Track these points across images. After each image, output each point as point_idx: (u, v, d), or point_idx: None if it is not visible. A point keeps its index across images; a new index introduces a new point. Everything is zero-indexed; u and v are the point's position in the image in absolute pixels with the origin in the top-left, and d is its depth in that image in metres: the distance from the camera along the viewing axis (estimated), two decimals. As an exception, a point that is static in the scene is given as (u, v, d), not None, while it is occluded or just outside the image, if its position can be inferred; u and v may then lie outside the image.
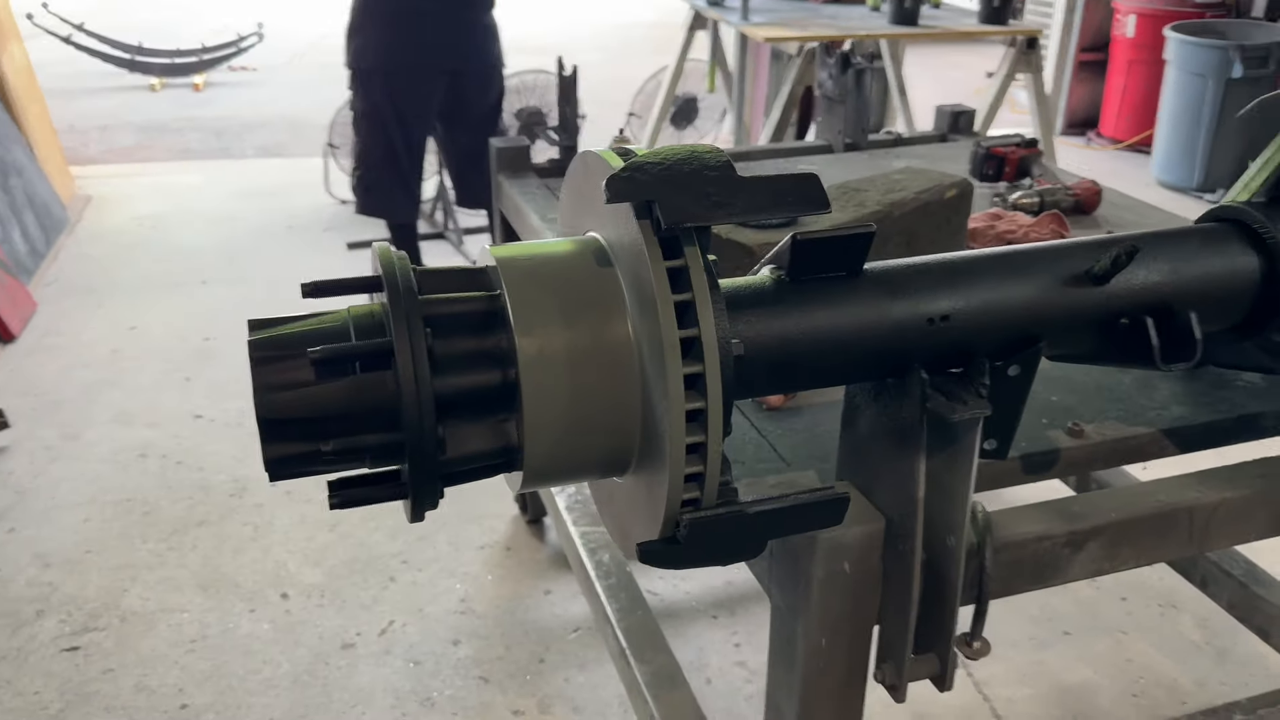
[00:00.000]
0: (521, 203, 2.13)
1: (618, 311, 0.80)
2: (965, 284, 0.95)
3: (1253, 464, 1.22)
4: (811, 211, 0.77)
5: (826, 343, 0.91)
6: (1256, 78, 5.04)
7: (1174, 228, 1.07)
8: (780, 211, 0.77)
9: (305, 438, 0.77)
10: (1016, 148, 2.23)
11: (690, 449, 0.75)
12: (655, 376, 0.76)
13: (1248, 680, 2.21)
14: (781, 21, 4.02)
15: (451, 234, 4.74)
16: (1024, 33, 3.96)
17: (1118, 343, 0.99)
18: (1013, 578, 1.11)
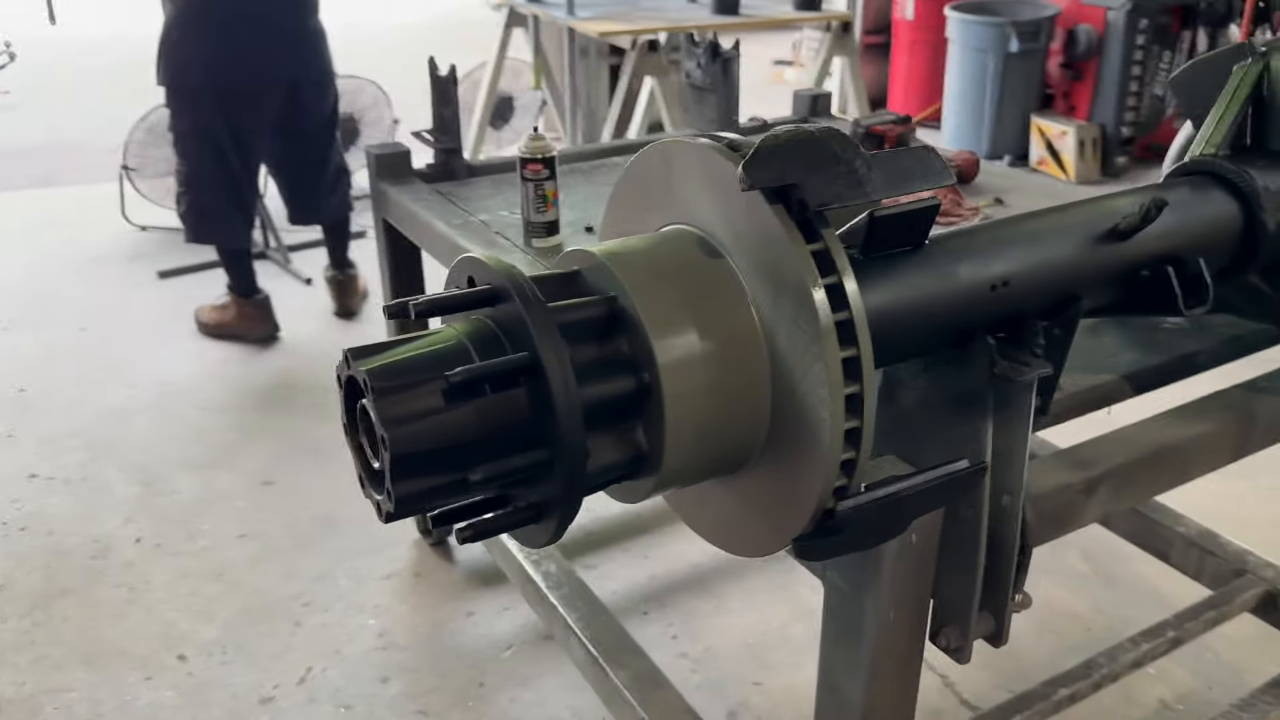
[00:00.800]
0: (417, 209, 2.03)
1: (740, 302, 0.77)
2: (1015, 248, 0.98)
3: (1212, 398, 1.33)
4: (938, 183, 0.77)
5: (909, 316, 0.91)
6: (1031, 50, 5.49)
7: (1165, 181, 1.14)
8: (911, 186, 0.76)
9: (442, 469, 0.70)
10: (893, 125, 2.33)
11: (847, 434, 0.74)
12: (798, 364, 0.74)
13: (1137, 601, 2.41)
14: (608, 15, 4.02)
15: (276, 252, 4.47)
16: (838, 17, 4.15)
17: (1141, 294, 1.05)
18: (1043, 529, 1.15)
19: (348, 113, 4.93)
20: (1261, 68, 1.20)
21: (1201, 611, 1.88)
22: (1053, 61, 5.66)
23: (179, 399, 3.32)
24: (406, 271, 2.29)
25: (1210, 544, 2.05)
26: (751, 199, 0.74)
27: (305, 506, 2.76)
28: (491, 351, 0.71)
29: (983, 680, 2.19)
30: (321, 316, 3.96)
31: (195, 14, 3.20)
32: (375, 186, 2.21)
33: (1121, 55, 5.33)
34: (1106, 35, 5.39)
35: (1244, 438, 1.32)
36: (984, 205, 2.03)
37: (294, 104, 3.42)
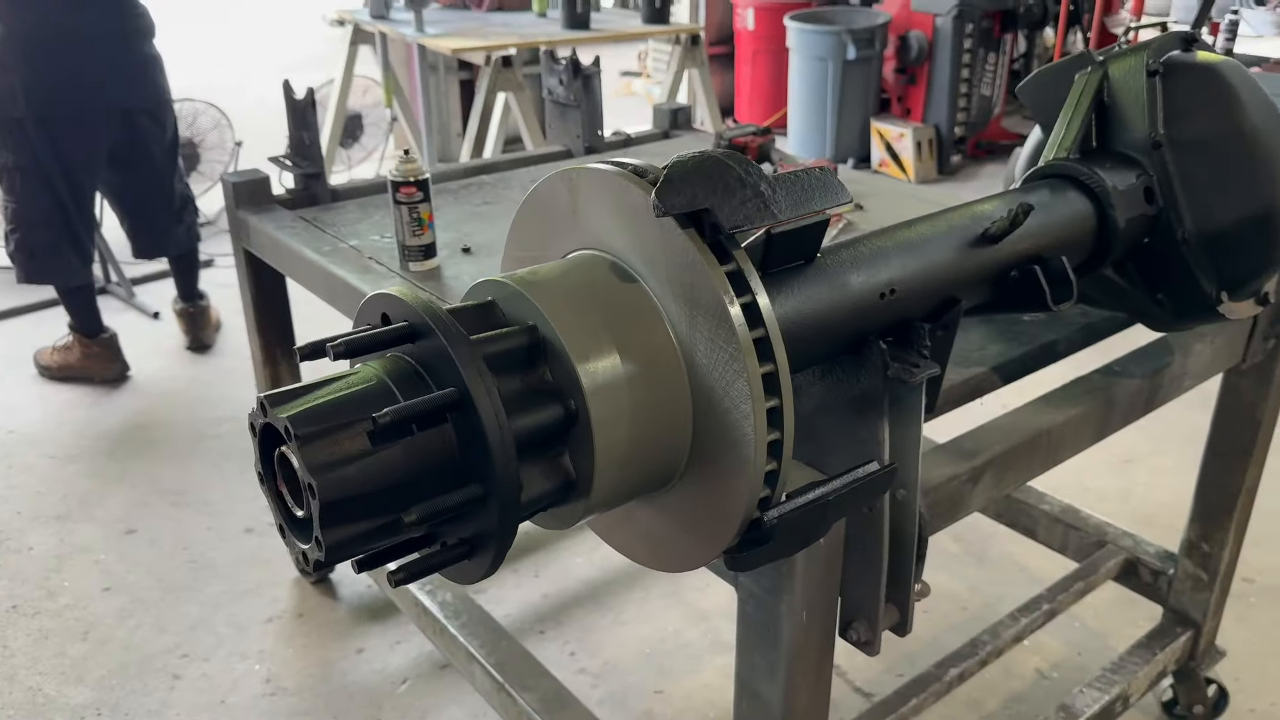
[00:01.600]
0: (283, 238, 1.96)
1: (657, 324, 0.78)
2: (900, 257, 1.03)
3: (1076, 383, 1.43)
4: (837, 201, 0.80)
5: (809, 327, 0.94)
6: (867, 57, 5.73)
7: (1027, 186, 1.22)
8: (813, 205, 0.79)
9: (372, 512, 0.68)
10: (753, 136, 2.39)
11: (769, 446, 0.76)
12: (719, 382, 0.76)
13: (1007, 578, 2.55)
14: (459, 32, 3.98)
15: (118, 287, 4.23)
16: (687, 30, 4.23)
17: (1013, 292, 1.12)
18: (936, 519, 1.21)
19: (187, 137, 4.73)
20: (1101, 75, 1.30)
21: (1071, 583, 2.01)
22: (888, 67, 5.93)
23: (25, 448, 3.11)
24: (272, 303, 2.21)
25: (1072, 519, 2.18)
26: (664, 224, 0.75)
27: (173, 553, 2.63)
28: (415, 389, 0.70)
29: (873, 667, 2.27)
30: (173, 351, 3.78)
31: (17, 40, 3.00)
32: (234, 216, 2.13)
33: (950, 59, 5.63)
34: (936, 40, 5.68)
35: (1105, 419, 1.42)
36: (846, 211, 2.11)
37: (129, 133, 3.25)
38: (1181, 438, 2.91)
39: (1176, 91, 1.25)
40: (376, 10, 4.32)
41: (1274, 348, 1.70)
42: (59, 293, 3.44)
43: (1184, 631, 1.97)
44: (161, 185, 3.42)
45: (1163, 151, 1.23)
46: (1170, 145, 1.24)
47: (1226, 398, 1.81)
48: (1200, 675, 2.06)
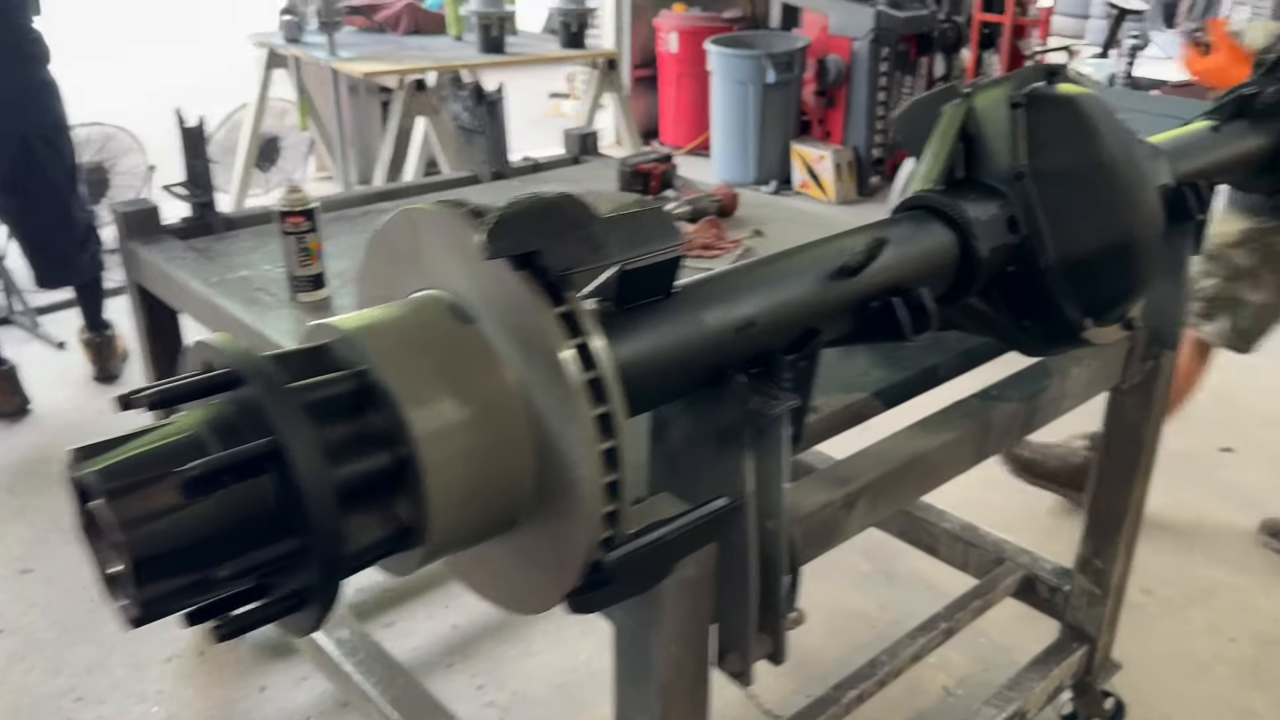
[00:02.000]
0: (171, 269, 1.92)
1: (495, 367, 0.78)
2: (757, 292, 1.03)
3: (952, 408, 1.45)
4: (668, 242, 0.81)
5: (664, 363, 0.94)
6: (786, 81, 5.82)
7: (889, 218, 1.24)
8: (646, 247, 0.79)
9: (187, 568, 0.67)
10: (656, 164, 2.41)
11: (606, 488, 0.76)
12: (555, 424, 0.76)
13: (915, 595, 2.58)
14: (372, 55, 3.95)
15: (22, 316, 4.11)
16: (604, 55, 4.25)
17: (873, 323, 1.13)
18: (810, 546, 1.22)
19: (96, 162, 4.63)
20: (967, 108, 1.33)
21: (969, 601, 2.04)
22: (808, 90, 6.02)
23: (-87, 488, 2.99)
24: (165, 336, 2.16)
25: (971, 536, 2.22)
26: (497, 266, 0.75)
27: (69, 592, 2.54)
28: (233, 439, 0.69)
29: (782, 687, 2.28)
30: (79, 382, 3.68)
31: None
32: (125, 247, 2.08)
33: (868, 82, 5.73)
34: (853, 64, 5.79)
35: (982, 442, 1.44)
36: (745, 237, 2.13)
37: (25, 160, 3.17)
38: (1084, 453, 2.97)
39: (1038, 123, 1.28)
40: (290, 34, 4.27)
41: (1153, 369, 1.75)
42: (-47, 324, 3.33)
43: (1080, 646, 2.01)
44: (61, 213, 3.34)
45: (1025, 182, 1.26)
46: (1033, 176, 1.27)
47: (1112, 417, 1.86)
48: (1097, 689, 2.10)
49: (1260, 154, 1.76)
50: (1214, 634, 2.48)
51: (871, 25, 5.59)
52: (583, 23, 4.19)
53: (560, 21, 4.21)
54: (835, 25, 5.79)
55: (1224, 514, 2.99)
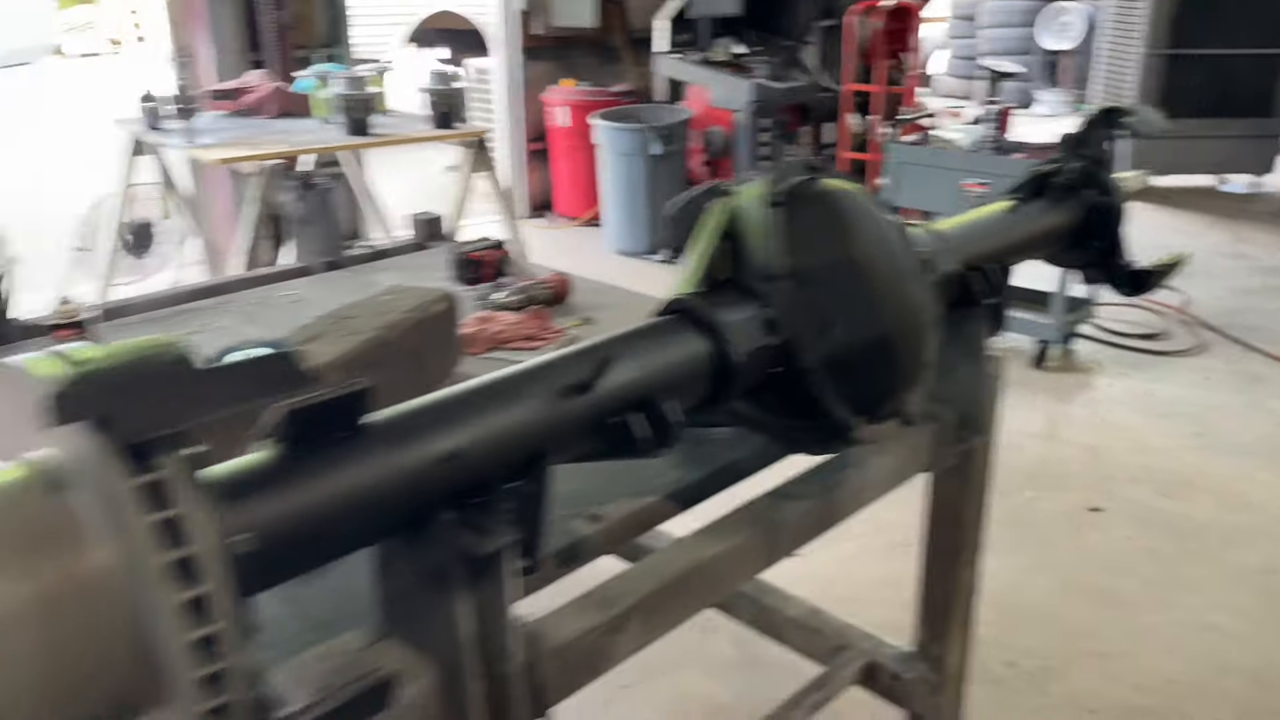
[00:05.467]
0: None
1: (79, 546, 0.69)
2: (466, 418, 0.97)
3: (739, 511, 1.39)
4: (295, 389, 0.74)
5: (344, 508, 0.87)
6: (672, 152, 5.87)
7: (637, 327, 1.19)
8: (258, 399, 0.72)
9: None
10: (490, 250, 2.35)
11: (210, 679, 0.67)
12: (150, 609, 0.67)
13: (778, 681, 2.50)
14: (231, 141, 3.86)
15: None
16: (472, 135, 4.22)
17: (610, 439, 1.07)
18: (569, 679, 1.14)
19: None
20: (730, 207, 1.29)
21: (810, 694, 1.96)
22: (695, 160, 6.08)
23: None
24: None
25: (816, 622, 2.16)
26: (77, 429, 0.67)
27: None
28: None
29: (633, 795, 2.17)
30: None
31: None
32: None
33: (750, 151, 5.81)
34: (736, 134, 5.87)
35: (773, 544, 1.38)
36: (573, 325, 2.08)
37: None
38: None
39: (796, 221, 1.25)
40: (150, 121, 4.17)
41: (965, 452, 1.72)
42: None
43: (924, 735, 1.95)
44: None
45: (783, 282, 1.23)
46: (792, 275, 1.23)
47: (932, 500, 1.82)
48: (948, 776, 2.04)
49: (1062, 231, 1.77)
50: (1074, 706, 2.44)
51: (750, 97, 5.68)
52: (452, 103, 4.16)
53: (431, 103, 4.17)
54: (716, 98, 5.88)
55: (1089, 577, 2.98)
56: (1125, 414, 4.14)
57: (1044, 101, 11.74)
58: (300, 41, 5.46)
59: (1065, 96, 11.65)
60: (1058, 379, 4.44)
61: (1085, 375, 4.51)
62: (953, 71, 13.04)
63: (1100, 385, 4.43)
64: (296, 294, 2.30)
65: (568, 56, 6.98)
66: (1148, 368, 4.60)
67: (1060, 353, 4.56)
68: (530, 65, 6.94)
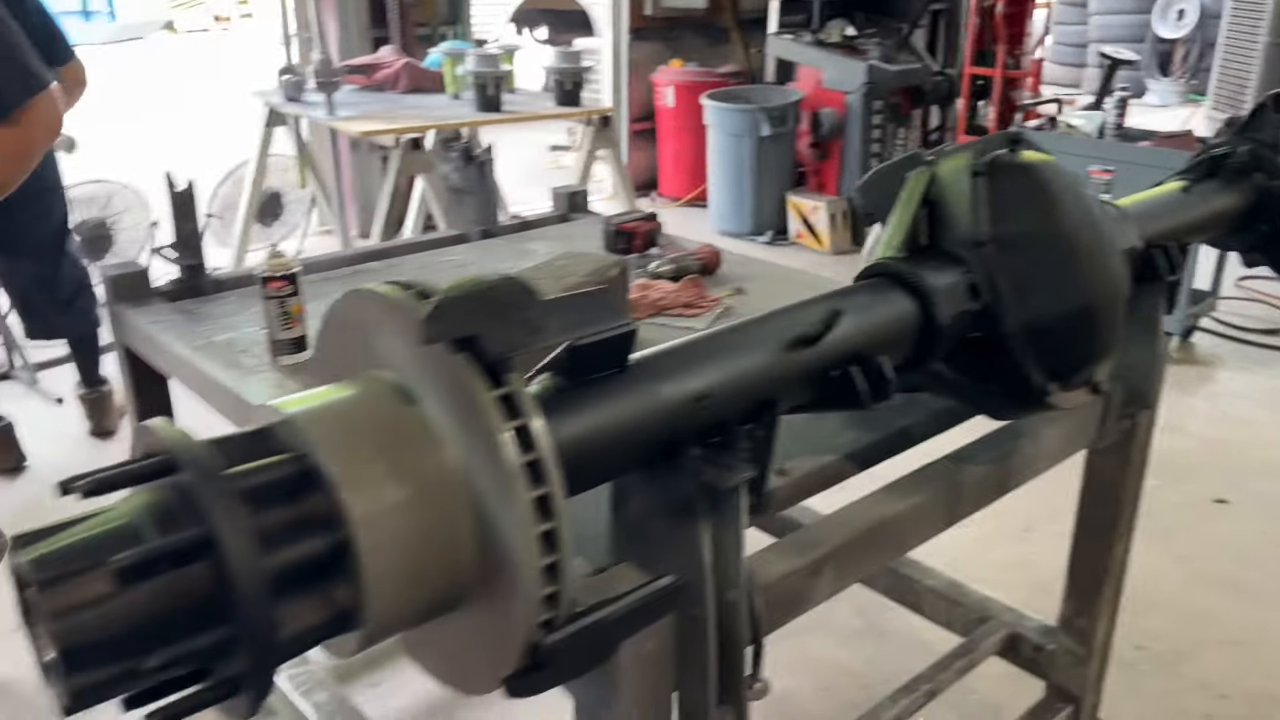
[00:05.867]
0: (155, 332, 1.94)
1: (436, 449, 0.79)
2: (715, 362, 1.04)
3: (921, 471, 1.45)
4: (614, 323, 0.82)
5: (614, 437, 0.95)
6: (781, 134, 5.88)
7: (849, 286, 1.25)
8: (588, 329, 0.81)
9: (119, 658, 0.67)
10: (640, 222, 2.43)
11: (548, 569, 0.76)
12: (495, 506, 0.76)
13: (906, 651, 2.56)
14: (369, 115, 4.02)
15: (21, 371, 4.14)
16: (598, 112, 4.31)
17: (832, 392, 1.14)
18: (775, 614, 1.22)
19: (100, 219, 4.69)
20: (930, 175, 1.35)
21: (952, 661, 2.02)
22: (802, 142, 6.08)
23: (-95, 547, 2.99)
24: (153, 399, 2.17)
25: (956, 594, 2.20)
26: (439, 348, 0.76)
27: (55, 654, 2.53)
28: (170, 526, 0.69)
29: (769, 750, 2.25)
30: (76, 438, 3.69)
31: None
32: (112, 310, 2.10)
33: (861, 134, 5.80)
34: (847, 117, 5.85)
35: (953, 505, 1.44)
36: (726, 295, 2.14)
37: (7, 221, 3.22)
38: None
39: (999, 191, 1.30)
40: (290, 93, 4.35)
41: (1129, 428, 1.75)
42: (-56, 377, 3.37)
43: (1065, 706, 1.99)
44: (44, 273, 3.38)
45: (987, 249, 1.28)
46: (994, 243, 1.28)
47: (1090, 476, 1.85)
48: (1085, 749, 2.07)
49: (1232, 213, 1.77)
50: (1205, 690, 2.44)
51: (864, 79, 5.67)
52: (577, 81, 4.25)
53: (555, 80, 4.27)
54: (829, 79, 5.87)
55: (1217, 567, 2.96)
56: (1249, 408, 4.06)
57: (1155, 91, 11.41)
58: (421, 19, 5.62)
59: (1177, 87, 11.31)
60: (1179, 371, 4.38)
61: (1206, 368, 4.44)
62: (1058, 58, 12.73)
63: (1222, 379, 4.35)
64: (458, 259, 2.41)
65: (675, 37, 7.03)
66: (1271, 364, 4.49)
67: (1180, 345, 4.49)
68: (637, 46, 7.01)
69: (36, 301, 3.43)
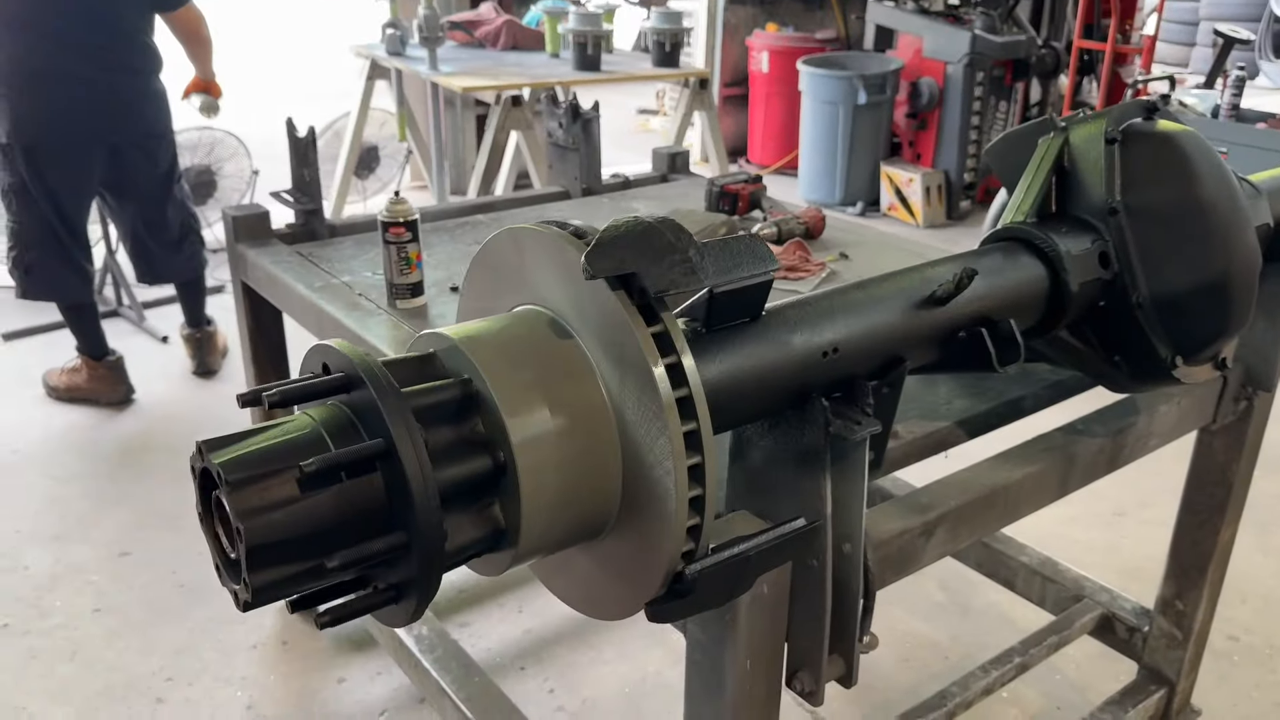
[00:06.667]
0: (278, 272, 2.01)
1: (589, 381, 0.81)
2: (844, 317, 1.06)
3: (1035, 441, 1.45)
4: (763, 268, 0.84)
5: (747, 384, 0.97)
6: (878, 103, 5.79)
7: (980, 249, 1.25)
8: (740, 272, 0.82)
9: (299, 557, 0.72)
10: (745, 184, 2.43)
11: (691, 501, 0.79)
12: (645, 438, 0.79)
13: (990, 628, 2.55)
14: (471, 70, 4.06)
15: (129, 310, 4.31)
16: (696, 74, 4.30)
17: (960, 353, 1.14)
18: (887, 570, 1.23)
19: (204, 164, 4.83)
20: (1063, 141, 1.33)
21: (1045, 637, 2.01)
22: (899, 112, 5.98)
23: (27, 468, 3.16)
24: (268, 335, 2.26)
25: (1050, 571, 2.19)
26: (596, 285, 0.79)
27: (164, 577, 2.66)
28: (347, 438, 0.74)
29: (849, 714, 2.27)
30: (179, 376, 3.84)
31: (6, 70, 3.13)
32: (233, 249, 2.18)
33: (961, 106, 5.68)
34: (947, 88, 5.73)
35: (1066, 477, 1.43)
36: (830, 260, 2.14)
37: (117, 166, 3.35)
38: (1171, 491, 2.90)
39: (1134, 160, 1.28)
40: (392, 47, 4.41)
41: (1245, 409, 1.71)
42: (62, 313, 3.52)
43: (1158, 689, 1.97)
44: (154, 217, 3.51)
45: (1119, 218, 1.26)
46: (1127, 212, 1.26)
47: (1200, 457, 1.82)
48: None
49: (1366, 196, 1.71)
50: (1302, 687, 2.39)
51: (967, 49, 5.54)
52: (676, 42, 4.24)
53: (654, 40, 4.27)
54: (930, 48, 5.75)
55: (1319, 563, 2.88)
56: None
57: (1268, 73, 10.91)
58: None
59: (1294, 69, 10.79)
60: (1283, 362, 4.23)
61: (1313, 361, 4.28)
62: (1166, 36, 12.24)
63: (1329, 373, 4.19)
64: (563, 215, 2.44)
65: (772, 1, 6.95)
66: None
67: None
68: (732, 9, 6.93)
69: (145, 244, 3.56)
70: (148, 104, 3.38)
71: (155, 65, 3.38)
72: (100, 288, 4.38)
